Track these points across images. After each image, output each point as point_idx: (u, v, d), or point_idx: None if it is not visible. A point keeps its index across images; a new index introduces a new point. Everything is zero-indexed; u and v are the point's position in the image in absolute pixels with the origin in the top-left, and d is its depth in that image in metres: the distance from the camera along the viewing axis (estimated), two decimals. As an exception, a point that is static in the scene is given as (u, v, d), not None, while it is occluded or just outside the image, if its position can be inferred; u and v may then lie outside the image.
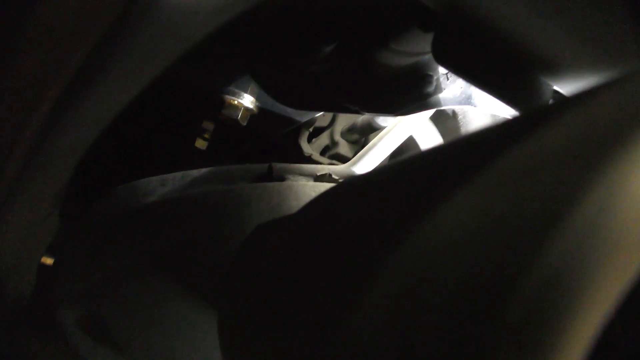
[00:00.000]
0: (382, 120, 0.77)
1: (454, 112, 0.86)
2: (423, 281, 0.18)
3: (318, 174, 0.70)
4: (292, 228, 0.35)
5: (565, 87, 0.42)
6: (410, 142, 0.79)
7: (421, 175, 0.23)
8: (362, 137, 0.88)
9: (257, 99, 0.74)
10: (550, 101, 0.42)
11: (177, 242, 0.63)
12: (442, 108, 0.68)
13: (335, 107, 0.53)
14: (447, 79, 0.54)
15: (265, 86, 0.59)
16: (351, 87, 0.51)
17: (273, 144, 0.94)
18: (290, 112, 0.74)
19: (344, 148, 0.89)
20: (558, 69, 0.40)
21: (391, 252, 0.20)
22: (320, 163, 0.85)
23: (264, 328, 0.30)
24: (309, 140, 0.91)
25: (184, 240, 0.63)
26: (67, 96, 0.27)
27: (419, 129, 0.78)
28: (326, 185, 0.68)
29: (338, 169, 0.72)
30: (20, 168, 0.29)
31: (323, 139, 0.92)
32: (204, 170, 0.71)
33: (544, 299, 0.14)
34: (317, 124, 0.91)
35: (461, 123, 0.83)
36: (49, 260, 0.62)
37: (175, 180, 0.68)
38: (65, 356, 0.64)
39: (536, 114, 0.18)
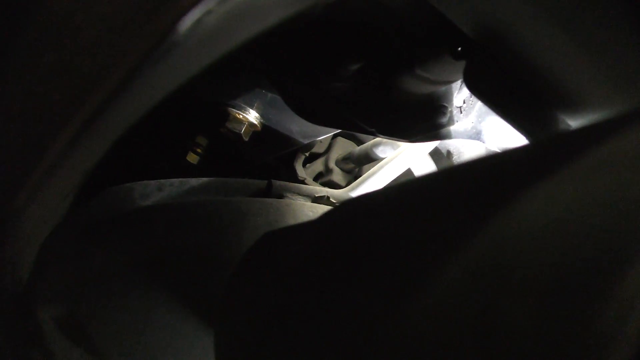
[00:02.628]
0: (381, 151, 0.79)
1: (448, 152, 0.88)
2: (505, 266, 0.18)
3: (316, 195, 0.70)
4: (322, 231, 0.35)
5: (577, 123, 0.44)
6: (405, 175, 0.80)
7: (484, 172, 0.23)
8: (356, 167, 0.89)
9: (262, 116, 0.75)
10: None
11: (169, 249, 0.62)
12: (450, 140, 0.70)
13: (351, 126, 0.53)
14: (461, 112, 0.56)
15: (284, 96, 0.59)
16: (369, 108, 0.52)
17: (267, 164, 0.94)
18: (294, 133, 0.75)
19: (337, 176, 0.90)
20: (579, 108, 0.42)
21: (465, 236, 0.20)
22: (313, 188, 0.85)
23: (295, 326, 0.30)
24: (303, 165, 0.91)
25: (176, 247, 0.62)
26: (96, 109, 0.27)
27: (418, 163, 0.79)
28: (324, 207, 0.68)
29: (336, 193, 0.72)
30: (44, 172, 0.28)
31: (317, 165, 0.93)
32: (202, 179, 0.70)
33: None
34: (313, 149, 0.92)
35: (455, 163, 0.86)
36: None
37: (173, 186, 0.67)
38: None
39: (629, 115, 0.19)
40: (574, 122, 0.43)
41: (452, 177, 0.26)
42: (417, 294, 0.21)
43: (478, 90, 0.40)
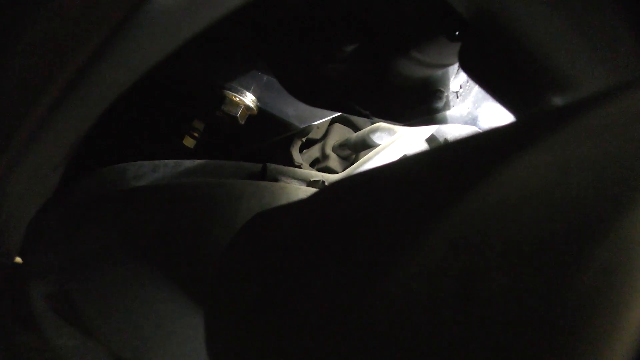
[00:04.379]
0: (378, 137, 0.78)
1: (445, 140, 0.87)
2: (486, 234, 0.18)
3: (311, 179, 0.70)
4: (310, 208, 0.35)
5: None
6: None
7: (468, 146, 0.23)
8: (353, 153, 0.88)
9: (258, 99, 0.75)
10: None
11: (162, 229, 0.62)
12: (446, 127, 0.69)
13: (346, 108, 0.53)
14: (457, 97, 0.55)
15: (280, 77, 0.59)
16: (365, 91, 0.52)
17: (262, 149, 0.94)
18: (291, 117, 0.74)
19: (333, 162, 0.90)
20: (573, 92, 0.41)
21: (447, 207, 0.20)
22: (309, 174, 0.85)
23: (286, 299, 0.30)
24: (300, 151, 0.91)
25: (169, 228, 0.62)
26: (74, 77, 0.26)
27: (414, 149, 0.79)
28: (319, 192, 0.68)
29: (331, 178, 0.72)
30: (29, 135, 0.28)
31: (314, 151, 0.92)
32: (197, 161, 0.70)
33: (623, 262, 0.14)
34: (310, 135, 0.91)
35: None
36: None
37: (167, 167, 0.67)
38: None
39: (611, 89, 0.19)
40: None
41: (436, 153, 0.26)
42: (401, 262, 0.21)
43: (473, 71, 0.40)
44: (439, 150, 0.27)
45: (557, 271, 0.15)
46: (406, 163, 0.29)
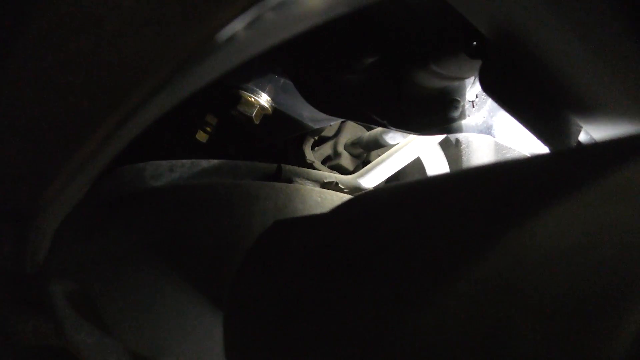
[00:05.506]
0: (390, 138, 0.79)
1: (457, 141, 0.88)
2: (520, 282, 0.19)
3: (325, 181, 0.71)
4: (333, 224, 0.36)
5: (593, 130, 0.44)
6: (414, 164, 0.81)
7: (509, 184, 0.24)
8: (365, 152, 0.89)
9: (273, 100, 0.75)
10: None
11: (180, 230, 0.63)
12: (462, 134, 0.70)
13: (363, 117, 0.54)
14: (473, 107, 0.56)
15: (297, 85, 0.59)
16: (382, 100, 0.53)
17: (275, 146, 0.95)
18: (305, 118, 0.75)
19: (345, 160, 0.90)
20: (591, 112, 0.42)
21: (483, 246, 0.21)
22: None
23: (302, 314, 0.31)
24: (312, 148, 0.92)
25: (187, 229, 0.63)
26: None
27: (427, 152, 0.80)
28: (332, 193, 0.69)
29: (345, 179, 0.73)
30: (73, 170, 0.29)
31: (326, 149, 0.93)
32: (213, 161, 0.71)
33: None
34: (323, 133, 0.92)
35: (463, 152, 0.86)
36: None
37: (184, 167, 0.68)
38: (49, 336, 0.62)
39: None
40: (587, 126, 0.44)
41: (470, 183, 0.26)
42: (428, 303, 0.22)
43: (493, 91, 0.41)
44: (470, 178, 0.27)
45: (587, 336, 0.16)
46: (435, 188, 0.30)
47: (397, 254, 0.26)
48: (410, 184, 0.33)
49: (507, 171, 0.24)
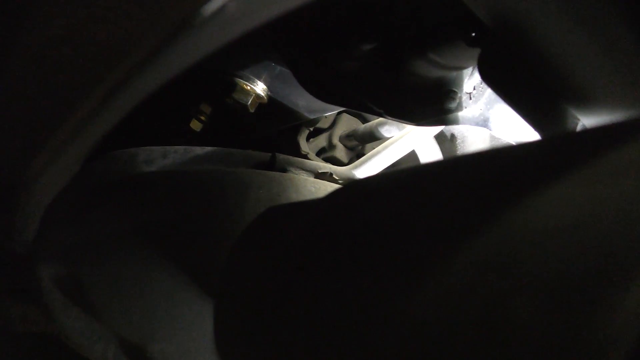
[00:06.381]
0: (386, 130, 0.79)
1: (452, 135, 0.88)
2: (514, 260, 0.19)
3: (319, 171, 0.71)
4: (327, 210, 0.35)
5: (588, 120, 0.44)
6: (409, 157, 0.80)
7: (498, 166, 0.24)
8: (360, 144, 0.89)
9: (269, 88, 0.75)
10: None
11: (172, 216, 0.62)
12: (458, 125, 0.69)
13: (359, 105, 0.53)
14: (470, 98, 0.56)
15: (294, 71, 0.59)
16: (379, 89, 0.52)
17: (269, 136, 0.94)
18: (301, 107, 0.74)
19: (340, 152, 0.90)
20: (590, 105, 0.42)
21: (476, 227, 0.20)
22: (316, 163, 0.86)
23: (294, 299, 0.30)
24: (307, 140, 0.91)
25: (179, 215, 0.63)
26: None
27: (423, 145, 0.79)
28: (326, 183, 0.68)
29: (339, 170, 0.73)
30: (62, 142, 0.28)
31: (321, 141, 0.93)
32: (207, 148, 0.70)
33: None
34: (318, 125, 0.92)
35: (459, 147, 0.86)
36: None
37: (177, 153, 0.68)
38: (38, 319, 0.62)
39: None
40: (585, 118, 0.43)
41: (464, 166, 0.26)
42: (424, 283, 0.21)
43: (491, 79, 0.40)
44: (465, 162, 0.27)
45: (583, 310, 0.16)
46: (429, 173, 0.29)
47: (394, 235, 0.25)
48: (406, 169, 0.32)
49: (504, 154, 0.24)
